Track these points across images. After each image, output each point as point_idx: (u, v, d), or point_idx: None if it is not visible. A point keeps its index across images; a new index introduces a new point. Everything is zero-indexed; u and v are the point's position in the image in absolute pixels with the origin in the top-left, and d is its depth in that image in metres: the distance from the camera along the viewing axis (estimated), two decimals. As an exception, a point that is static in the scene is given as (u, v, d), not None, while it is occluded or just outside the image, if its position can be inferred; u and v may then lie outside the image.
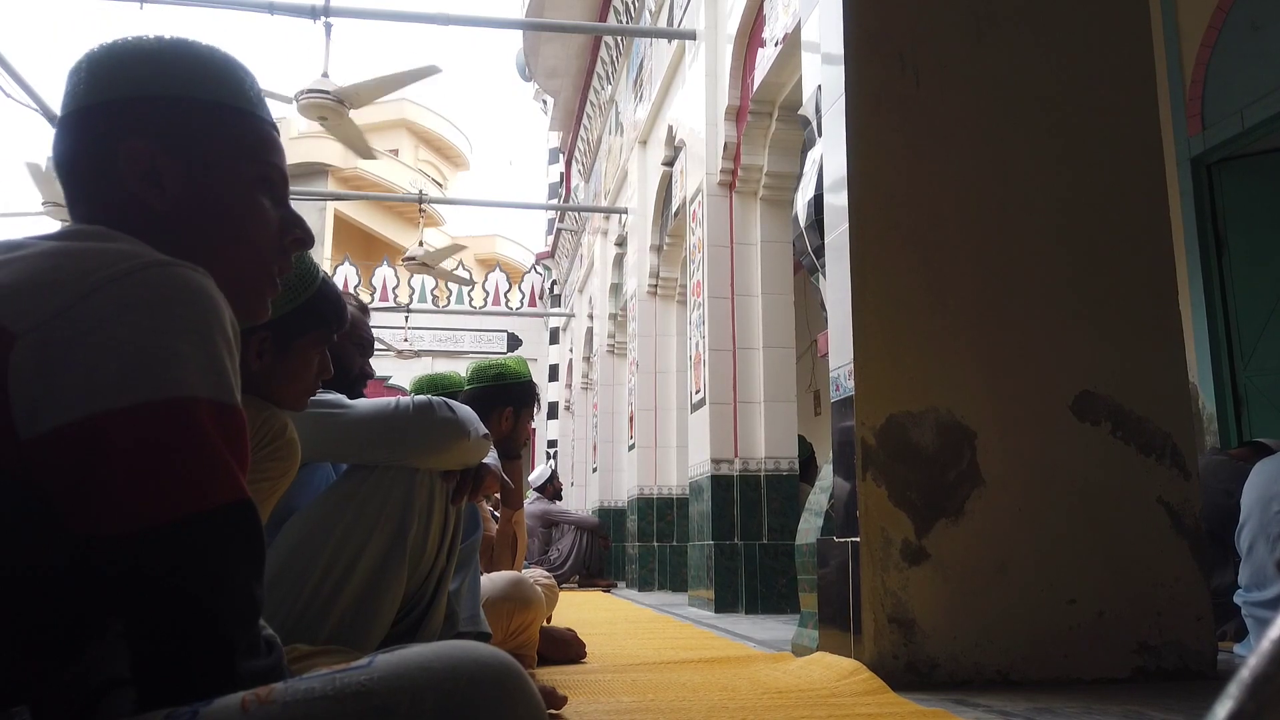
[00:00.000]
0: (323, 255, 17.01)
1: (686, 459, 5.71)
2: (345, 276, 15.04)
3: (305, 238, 0.92)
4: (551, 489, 8.44)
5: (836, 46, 2.50)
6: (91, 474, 0.64)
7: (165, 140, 0.83)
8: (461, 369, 2.92)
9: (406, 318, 13.34)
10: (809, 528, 2.77)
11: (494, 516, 2.95)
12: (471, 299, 15.37)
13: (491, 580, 2.31)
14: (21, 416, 0.64)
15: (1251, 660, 0.30)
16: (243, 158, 0.87)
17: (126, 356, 0.66)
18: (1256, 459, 2.86)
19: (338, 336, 1.48)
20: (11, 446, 0.64)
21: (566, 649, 2.74)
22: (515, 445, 2.63)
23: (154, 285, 0.69)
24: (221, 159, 0.86)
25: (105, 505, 0.65)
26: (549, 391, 14.61)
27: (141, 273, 0.69)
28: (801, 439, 5.28)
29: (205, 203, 0.84)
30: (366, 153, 6.63)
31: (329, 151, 18.60)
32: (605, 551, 8.44)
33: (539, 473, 8.56)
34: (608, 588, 7.79)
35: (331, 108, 5.85)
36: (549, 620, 3.01)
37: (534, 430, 14.14)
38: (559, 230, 13.87)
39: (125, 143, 0.81)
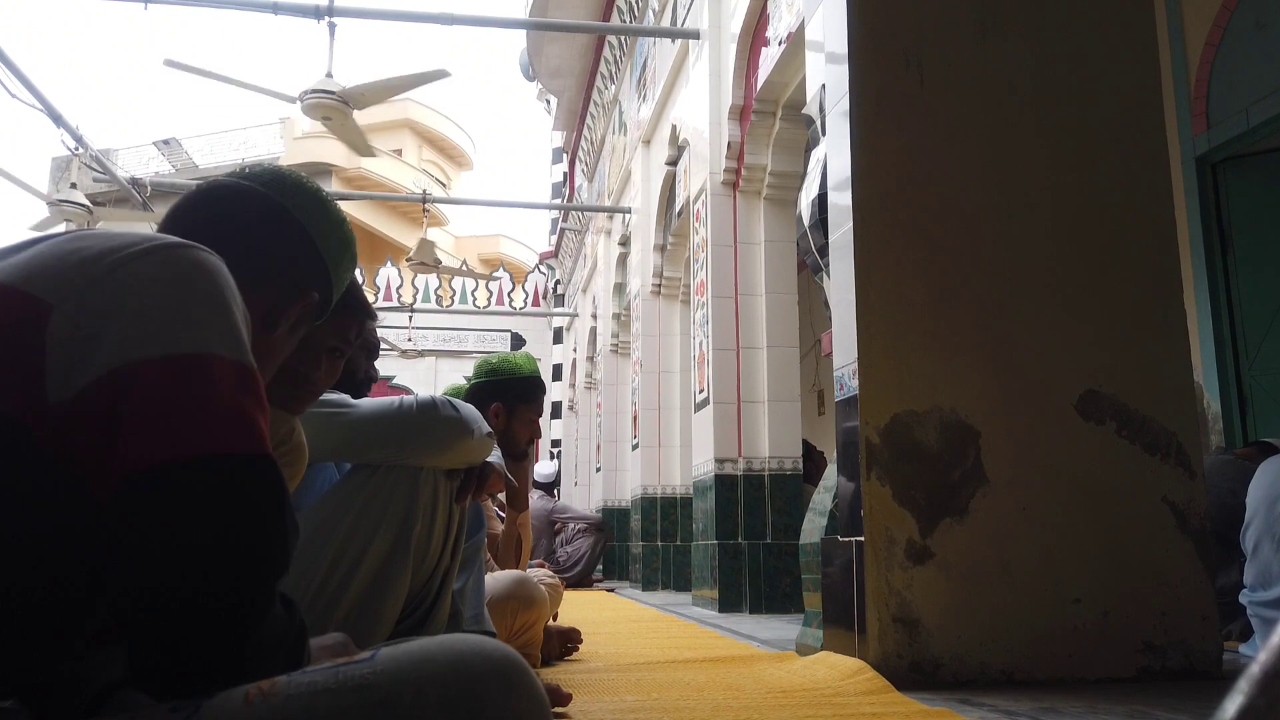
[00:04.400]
0: (327, 255, 16.98)
1: (690, 458, 5.70)
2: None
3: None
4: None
5: (840, 46, 2.50)
6: (118, 415, 0.66)
7: (300, 297, 1.01)
8: (465, 369, 2.88)
9: (410, 318, 13.34)
10: (813, 527, 2.77)
11: (499, 515, 2.95)
12: (475, 299, 15.37)
13: (495, 579, 2.31)
14: (55, 381, 0.66)
15: (1262, 656, 0.30)
16: (305, 336, 1.09)
17: (152, 319, 0.70)
18: (1262, 458, 2.85)
19: (355, 343, 1.48)
20: (41, 409, 0.66)
21: (564, 639, 2.77)
22: (511, 443, 2.51)
23: (175, 261, 0.74)
24: (304, 329, 1.06)
25: (131, 440, 0.66)
26: (552, 391, 14.62)
27: (164, 250, 0.74)
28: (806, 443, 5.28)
29: (281, 345, 1.03)
30: (366, 151, 6.64)
31: (333, 152, 18.62)
32: (604, 552, 8.46)
33: (550, 470, 8.58)
34: (610, 589, 7.80)
35: (335, 108, 5.85)
36: (554, 619, 3.02)
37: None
38: (563, 230, 13.87)
39: (308, 288, 1.03)
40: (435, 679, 0.65)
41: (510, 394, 2.53)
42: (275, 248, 1.01)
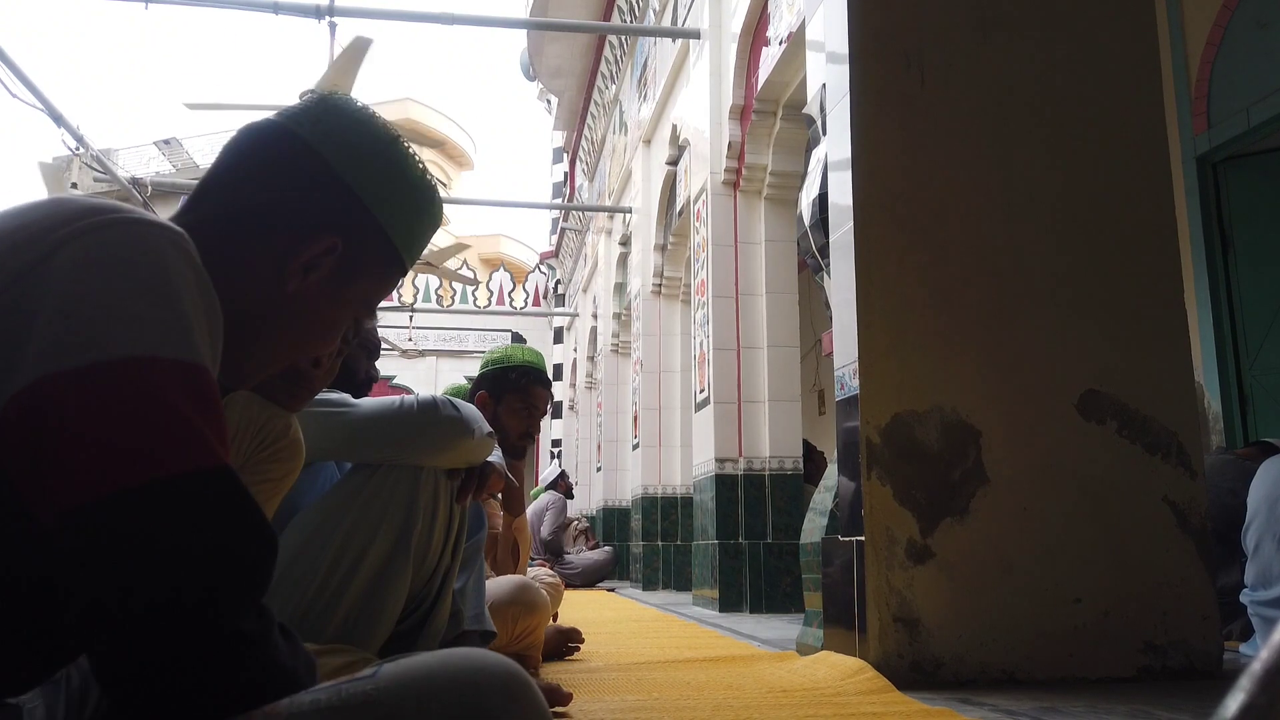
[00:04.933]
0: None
1: (691, 458, 5.71)
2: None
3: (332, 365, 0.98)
4: (564, 485, 8.50)
5: (841, 45, 2.50)
6: (41, 444, 0.59)
7: (345, 245, 0.86)
8: (465, 369, 2.84)
9: (411, 317, 13.35)
10: (813, 527, 2.77)
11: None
12: (476, 298, 15.38)
13: (497, 584, 2.31)
14: None
15: (1263, 654, 0.30)
16: (372, 293, 0.91)
17: (76, 317, 0.61)
18: (1263, 458, 2.85)
19: (352, 343, 1.48)
20: None
21: (564, 638, 2.78)
22: (499, 435, 2.42)
23: (115, 244, 0.65)
24: (358, 282, 0.89)
25: (56, 477, 0.59)
26: (553, 391, 14.60)
27: (105, 230, 0.65)
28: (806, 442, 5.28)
29: (309, 302, 0.86)
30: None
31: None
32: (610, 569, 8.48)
33: (549, 471, 8.61)
34: (611, 588, 7.81)
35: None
36: (555, 618, 3.02)
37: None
38: (563, 230, 13.87)
39: (323, 231, 0.85)
40: (438, 694, 0.64)
41: (499, 383, 2.44)
42: (283, 186, 0.86)
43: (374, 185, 0.89)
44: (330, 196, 0.87)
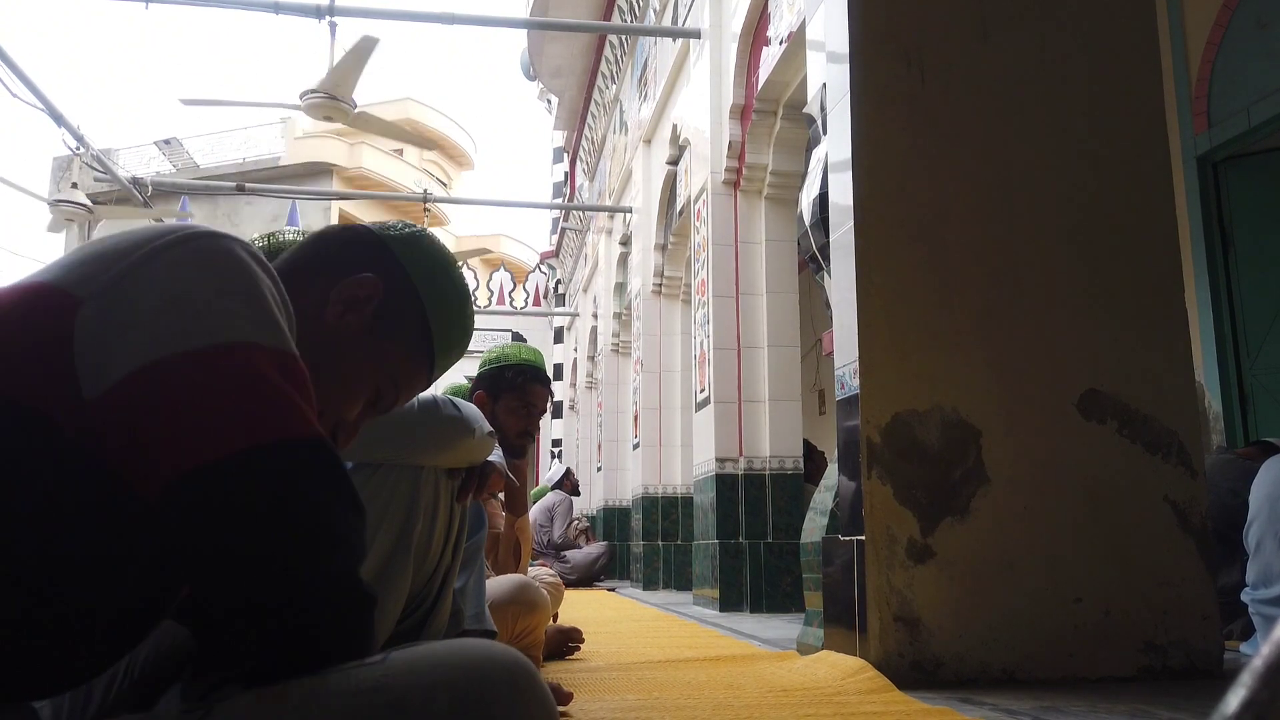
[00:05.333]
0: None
1: (691, 458, 5.71)
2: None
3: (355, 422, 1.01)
4: (570, 483, 8.53)
5: (842, 45, 2.50)
6: (160, 413, 0.65)
7: (385, 293, 0.95)
8: (466, 368, 2.81)
9: (411, 317, 13.33)
10: (814, 526, 2.77)
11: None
12: (476, 298, 15.38)
13: (498, 583, 2.31)
14: (87, 376, 0.65)
15: (1265, 649, 0.30)
16: (399, 368, 0.99)
17: (185, 310, 0.68)
18: (1264, 458, 2.85)
19: None
20: (77, 406, 0.65)
21: (565, 638, 2.78)
22: (498, 433, 2.41)
23: (204, 251, 0.72)
24: (392, 343, 0.96)
25: (175, 442, 0.65)
26: (553, 391, 14.61)
27: (193, 240, 0.72)
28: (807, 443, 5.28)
29: (342, 341, 0.92)
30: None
31: (334, 151, 18.63)
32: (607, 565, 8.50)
33: (553, 472, 8.65)
34: (611, 588, 7.80)
35: (337, 107, 5.86)
36: (555, 618, 3.02)
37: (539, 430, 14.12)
38: (563, 229, 13.87)
39: (368, 271, 0.94)
40: (446, 682, 0.66)
41: (496, 382, 2.43)
42: (339, 245, 0.99)
43: (432, 288, 1.00)
44: (386, 265, 0.97)
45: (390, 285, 0.96)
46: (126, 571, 0.68)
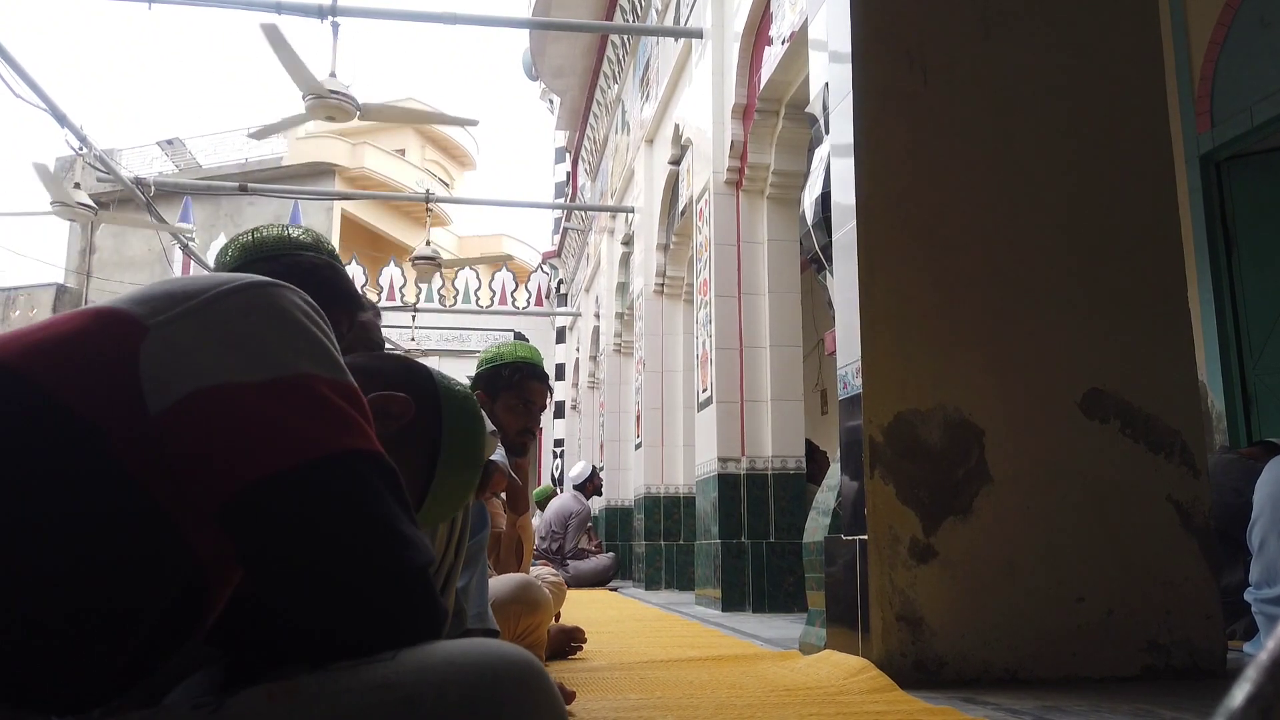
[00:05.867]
0: (330, 255, 17.01)
1: (693, 458, 5.70)
2: (353, 276, 15.04)
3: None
4: (592, 486, 8.49)
5: (844, 44, 2.50)
6: (226, 428, 0.69)
7: (416, 421, 1.03)
8: (468, 368, 2.82)
9: (414, 317, 13.35)
10: (816, 526, 2.77)
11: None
12: (478, 298, 15.38)
13: (500, 582, 2.31)
14: (152, 393, 0.69)
15: (1270, 643, 0.30)
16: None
17: (247, 347, 0.73)
18: (1267, 458, 2.85)
19: (349, 337, 1.48)
20: (142, 421, 0.69)
21: (567, 638, 2.77)
22: (503, 434, 2.38)
23: (270, 297, 0.77)
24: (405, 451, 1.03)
25: (243, 454, 0.69)
26: (555, 391, 14.61)
27: (259, 288, 0.78)
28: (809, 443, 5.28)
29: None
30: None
31: (336, 151, 18.64)
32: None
33: (578, 470, 8.60)
34: (614, 588, 7.80)
35: (339, 107, 5.86)
36: (557, 618, 3.02)
37: (539, 428, 14.12)
38: (565, 229, 13.87)
39: (408, 395, 1.03)
40: (457, 680, 0.66)
41: (494, 381, 2.43)
42: (391, 359, 1.14)
43: (453, 435, 1.09)
44: (423, 392, 1.08)
45: (420, 413, 1.04)
46: (164, 578, 0.70)
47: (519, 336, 15.24)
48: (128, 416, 0.68)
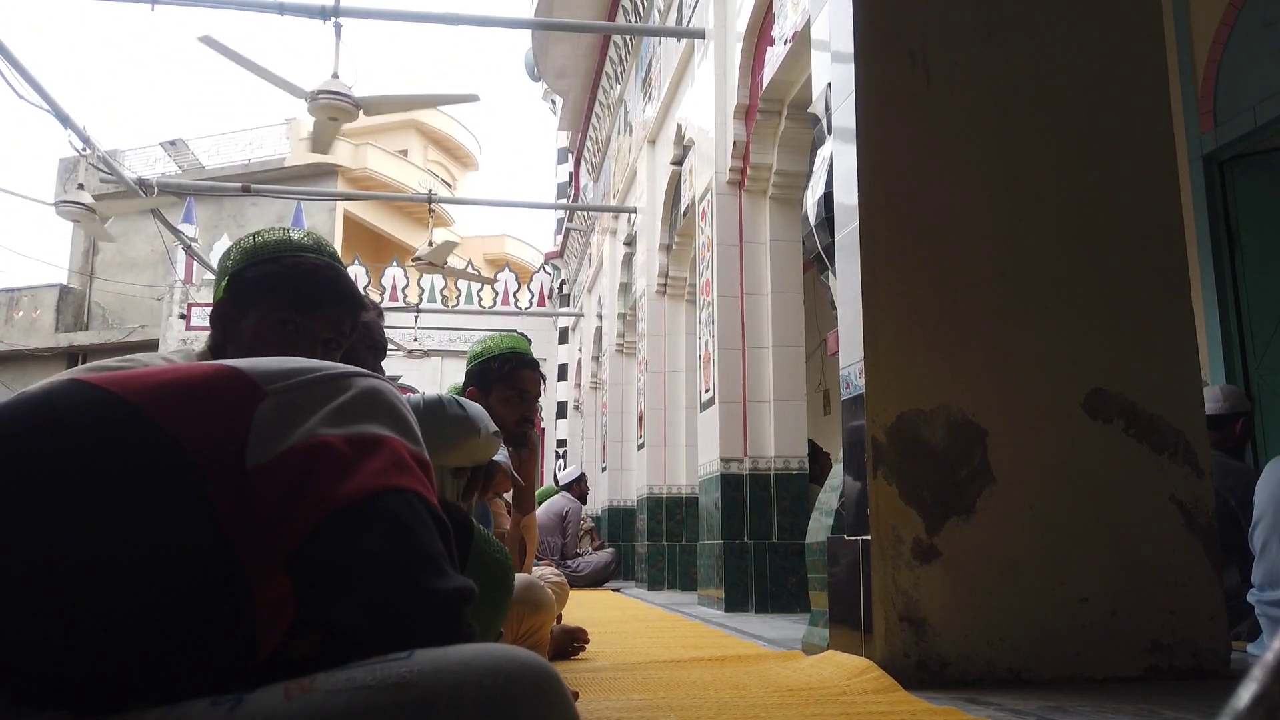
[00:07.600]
0: (332, 255, 17.03)
1: (696, 458, 5.70)
2: (355, 277, 15.06)
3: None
4: (579, 489, 8.49)
5: (846, 45, 2.50)
6: (312, 472, 0.79)
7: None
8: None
9: (416, 317, 13.36)
10: (819, 526, 2.77)
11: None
12: (481, 299, 15.39)
13: (502, 581, 2.30)
14: (254, 449, 0.79)
15: (1276, 644, 0.30)
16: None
17: (347, 414, 0.84)
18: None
19: (350, 337, 1.48)
20: (238, 474, 0.77)
21: (570, 638, 2.78)
22: (501, 428, 2.40)
23: (364, 387, 0.88)
24: None
25: (335, 486, 0.78)
26: (558, 391, 14.61)
27: (357, 377, 0.89)
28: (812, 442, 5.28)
29: None
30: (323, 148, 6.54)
31: (338, 152, 18.65)
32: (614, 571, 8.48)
33: (569, 472, 8.63)
34: (616, 588, 7.80)
35: (342, 108, 5.86)
36: (560, 619, 3.02)
37: (542, 429, 14.15)
38: (568, 230, 13.88)
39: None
40: (471, 682, 0.67)
41: (485, 376, 2.43)
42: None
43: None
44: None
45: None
46: (220, 625, 0.77)
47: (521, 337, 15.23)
48: (230, 469, 0.77)
